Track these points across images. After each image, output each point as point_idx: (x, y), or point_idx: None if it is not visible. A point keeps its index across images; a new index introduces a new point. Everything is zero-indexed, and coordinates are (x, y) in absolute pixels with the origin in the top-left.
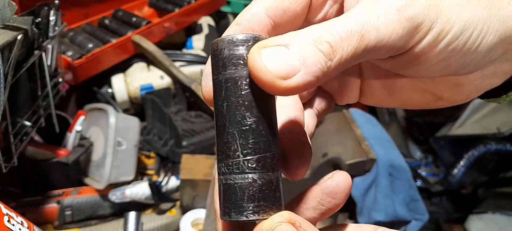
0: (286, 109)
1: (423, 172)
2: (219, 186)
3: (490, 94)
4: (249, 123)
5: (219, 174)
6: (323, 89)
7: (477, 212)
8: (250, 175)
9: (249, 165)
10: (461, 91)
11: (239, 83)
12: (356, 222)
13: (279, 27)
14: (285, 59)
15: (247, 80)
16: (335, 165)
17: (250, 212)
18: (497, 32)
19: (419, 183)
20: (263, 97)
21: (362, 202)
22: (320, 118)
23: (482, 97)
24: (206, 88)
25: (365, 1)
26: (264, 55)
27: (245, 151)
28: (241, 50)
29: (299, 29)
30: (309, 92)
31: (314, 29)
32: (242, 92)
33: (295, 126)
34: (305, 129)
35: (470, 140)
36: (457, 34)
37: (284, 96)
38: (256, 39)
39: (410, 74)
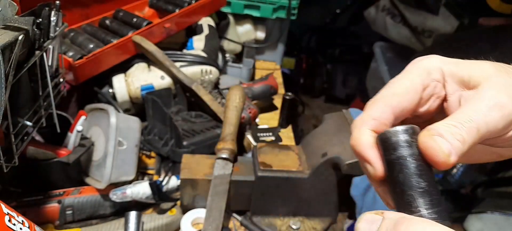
0: None
1: None
2: None
3: None
4: (423, 186)
5: None
6: None
7: (476, 211)
8: None
9: (433, 216)
10: None
11: (408, 159)
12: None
13: (397, 117)
14: (446, 145)
15: (413, 156)
16: (334, 164)
17: None
18: None
19: None
20: (425, 167)
21: (362, 202)
22: None
23: None
24: (377, 170)
25: (474, 101)
26: (439, 141)
27: (426, 206)
28: (404, 137)
29: (407, 117)
30: None
31: (453, 127)
32: (412, 165)
33: None
34: None
35: None
36: None
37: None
38: (410, 129)
39: (506, 145)
